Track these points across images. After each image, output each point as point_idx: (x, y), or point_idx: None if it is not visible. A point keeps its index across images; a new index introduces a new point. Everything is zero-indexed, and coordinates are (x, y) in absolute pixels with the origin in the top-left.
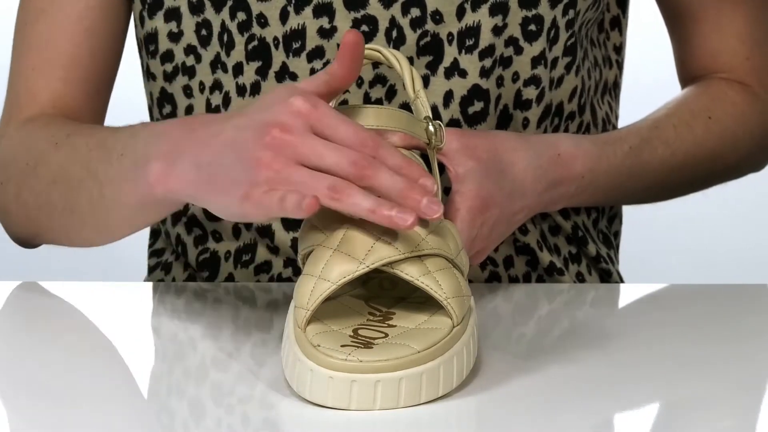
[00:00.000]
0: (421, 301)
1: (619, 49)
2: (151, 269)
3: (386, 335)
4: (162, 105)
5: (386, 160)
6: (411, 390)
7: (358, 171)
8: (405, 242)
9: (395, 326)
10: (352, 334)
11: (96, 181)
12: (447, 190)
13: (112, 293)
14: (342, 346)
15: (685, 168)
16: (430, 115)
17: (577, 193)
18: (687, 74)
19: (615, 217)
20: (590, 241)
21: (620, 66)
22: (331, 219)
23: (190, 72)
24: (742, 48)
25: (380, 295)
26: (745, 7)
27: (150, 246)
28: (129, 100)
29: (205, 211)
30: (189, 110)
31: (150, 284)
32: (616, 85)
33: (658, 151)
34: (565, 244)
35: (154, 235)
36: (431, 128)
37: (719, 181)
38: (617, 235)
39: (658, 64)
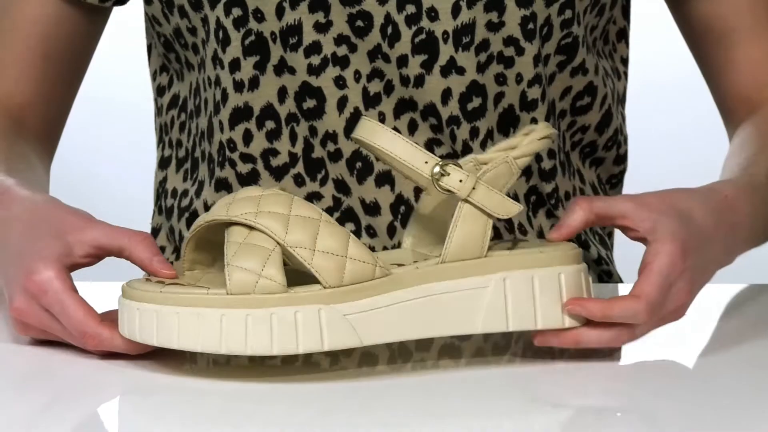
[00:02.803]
0: None
1: (626, 62)
2: None
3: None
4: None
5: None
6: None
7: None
8: (243, 207)
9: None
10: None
11: None
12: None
13: (112, 293)
14: (147, 279)
15: None
16: (447, 161)
17: (748, 230)
18: (735, 97)
19: None
20: (591, 245)
21: (627, 77)
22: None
23: (204, 66)
24: None
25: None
26: None
27: None
28: (131, 100)
29: (206, 208)
30: (206, 103)
31: None
32: (624, 97)
33: None
34: None
35: (154, 234)
36: (437, 169)
37: None
38: (611, 235)
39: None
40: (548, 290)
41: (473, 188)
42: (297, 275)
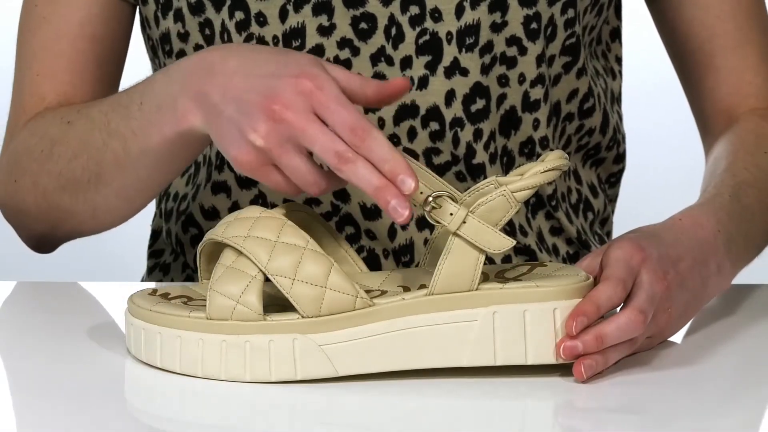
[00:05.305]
0: None
1: (620, 60)
2: (150, 270)
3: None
4: None
5: (371, 151)
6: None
7: (339, 163)
8: (237, 229)
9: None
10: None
11: (119, 138)
12: None
13: (112, 293)
14: (152, 291)
15: None
16: (440, 193)
17: (724, 243)
18: (714, 107)
19: (606, 220)
20: (591, 245)
21: (621, 76)
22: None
23: None
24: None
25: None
26: (759, 34)
27: (150, 247)
28: None
29: (202, 211)
30: None
31: (148, 285)
32: (620, 96)
33: (749, 192)
34: (564, 245)
35: (154, 236)
36: (429, 198)
37: None
38: (609, 235)
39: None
40: (541, 326)
41: (464, 222)
42: (286, 301)
